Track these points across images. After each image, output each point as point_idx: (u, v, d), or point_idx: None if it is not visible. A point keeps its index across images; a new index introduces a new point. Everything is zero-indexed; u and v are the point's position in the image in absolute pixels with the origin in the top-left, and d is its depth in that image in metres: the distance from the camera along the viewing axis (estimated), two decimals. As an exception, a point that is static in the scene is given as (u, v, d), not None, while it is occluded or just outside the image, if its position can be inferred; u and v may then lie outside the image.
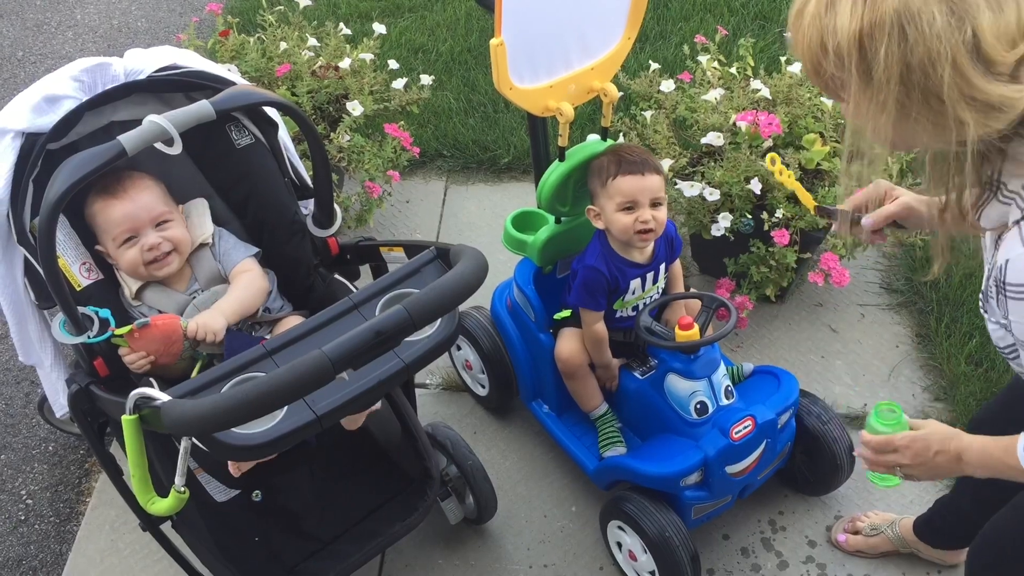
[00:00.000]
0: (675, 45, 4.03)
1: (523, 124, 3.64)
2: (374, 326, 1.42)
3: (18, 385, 2.89)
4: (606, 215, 2.16)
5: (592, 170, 2.19)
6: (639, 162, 2.12)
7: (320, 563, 2.07)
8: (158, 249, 1.93)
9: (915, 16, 1.06)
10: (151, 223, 1.94)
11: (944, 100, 1.08)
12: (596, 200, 2.19)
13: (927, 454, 1.50)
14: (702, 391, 2.14)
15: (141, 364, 1.85)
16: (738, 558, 2.38)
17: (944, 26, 1.05)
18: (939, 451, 1.48)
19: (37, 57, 4.44)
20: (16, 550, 2.48)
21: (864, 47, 1.10)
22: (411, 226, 3.40)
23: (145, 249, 1.92)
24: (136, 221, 1.92)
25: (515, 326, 2.46)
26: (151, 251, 1.93)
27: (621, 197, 2.12)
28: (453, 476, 2.32)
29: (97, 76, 1.93)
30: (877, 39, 1.08)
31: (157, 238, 1.94)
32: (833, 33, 1.11)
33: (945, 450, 1.47)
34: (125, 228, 1.92)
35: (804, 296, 3.05)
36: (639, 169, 2.12)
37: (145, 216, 1.93)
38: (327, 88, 3.13)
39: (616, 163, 2.13)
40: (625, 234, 2.15)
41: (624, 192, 2.11)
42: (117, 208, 1.91)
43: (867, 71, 1.11)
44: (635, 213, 2.13)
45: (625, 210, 2.13)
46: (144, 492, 1.52)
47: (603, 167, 2.15)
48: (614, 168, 2.12)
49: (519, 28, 1.93)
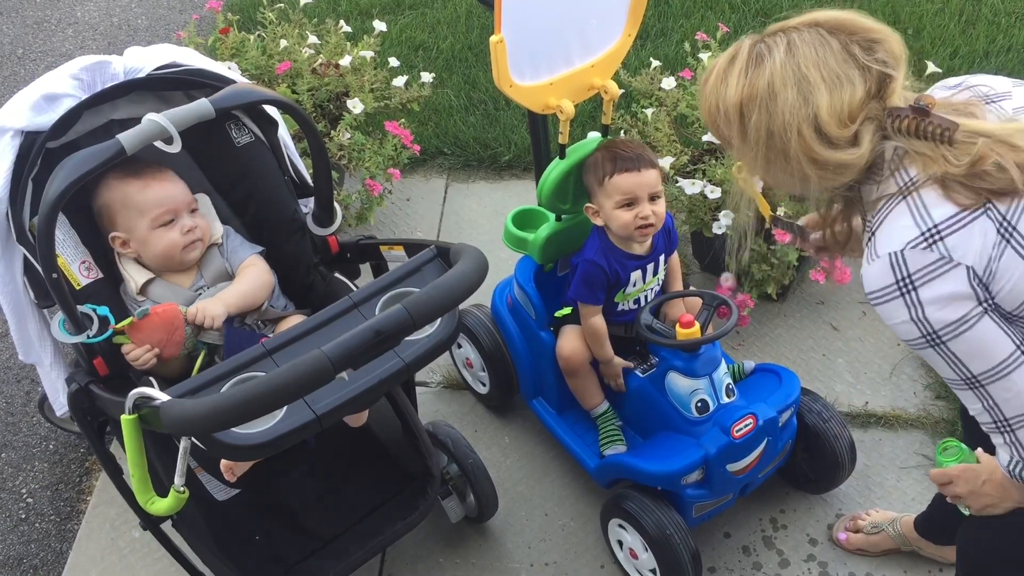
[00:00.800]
0: (676, 42, 4.02)
1: (524, 122, 3.63)
2: (374, 326, 1.41)
3: (19, 383, 2.89)
4: (605, 212, 2.16)
5: (587, 168, 2.18)
6: (635, 158, 2.12)
7: (321, 562, 2.07)
8: (194, 233, 1.96)
9: (776, 94, 1.37)
10: (187, 207, 1.97)
11: (791, 160, 1.40)
12: (594, 198, 2.19)
13: (976, 483, 1.60)
14: (703, 389, 2.14)
15: (147, 358, 1.84)
16: (739, 556, 2.37)
17: (793, 104, 1.36)
18: (987, 480, 1.58)
19: (37, 55, 4.43)
20: (17, 548, 2.48)
21: (742, 113, 1.42)
22: (412, 224, 3.39)
23: (184, 231, 1.94)
24: (176, 203, 1.95)
25: (516, 324, 2.46)
26: (190, 233, 1.95)
27: (620, 195, 2.11)
28: (454, 474, 2.31)
29: (96, 74, 1.93)
30: (751, 109, 1.40)
31: (192, 222, 1.97)
32: (723, 100, 1.44)
33: (992, 479, 1.57)
34: (167, 208, 1.93)
35: (805, 294, 3.04)
36: (635, 165, 2.11)
37: (183, 199, 1.97)
38: (327, 86, 3.12)
39: (611, 160, 2.12)
40: (626, 230, 2.14)
41: (622, 189, 2.11)
42: (157, 189, 1.93)
43: (744, 132, 1.43)
44: (635, 209, 2.12)
45: (624, 207, 2.12)
46: (144, 492, 1.52)
47: (598, 164, 2.14)
48: (610, 166, 2.12)
49: (519, 25, 1.92)
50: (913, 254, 1.35)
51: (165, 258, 1.95)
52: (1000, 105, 1.43)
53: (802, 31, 1.39)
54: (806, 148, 1.38)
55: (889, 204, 1.39)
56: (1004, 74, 1.53)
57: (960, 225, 1.33)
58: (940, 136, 1.34)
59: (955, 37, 4.04)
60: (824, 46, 1.37)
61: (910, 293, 1.36)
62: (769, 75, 1.38)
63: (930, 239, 1.34)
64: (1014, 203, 1.33)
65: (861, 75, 1.36)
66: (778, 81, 1.37)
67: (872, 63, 1.37)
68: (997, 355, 1.38)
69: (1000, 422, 1.44)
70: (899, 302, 1.37)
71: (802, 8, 1.52)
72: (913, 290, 1.35)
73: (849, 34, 1.38)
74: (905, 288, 1.36)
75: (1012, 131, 1.34)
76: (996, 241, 1.33)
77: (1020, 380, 1.39)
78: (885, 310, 1.40)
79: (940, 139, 1.34)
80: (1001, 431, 1.45)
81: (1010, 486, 1.54)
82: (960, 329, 1.36)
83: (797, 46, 1.37)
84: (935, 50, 3.93)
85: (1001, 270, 1.34)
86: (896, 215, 1.38)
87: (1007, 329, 1.38)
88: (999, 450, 1.50)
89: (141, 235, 1.93)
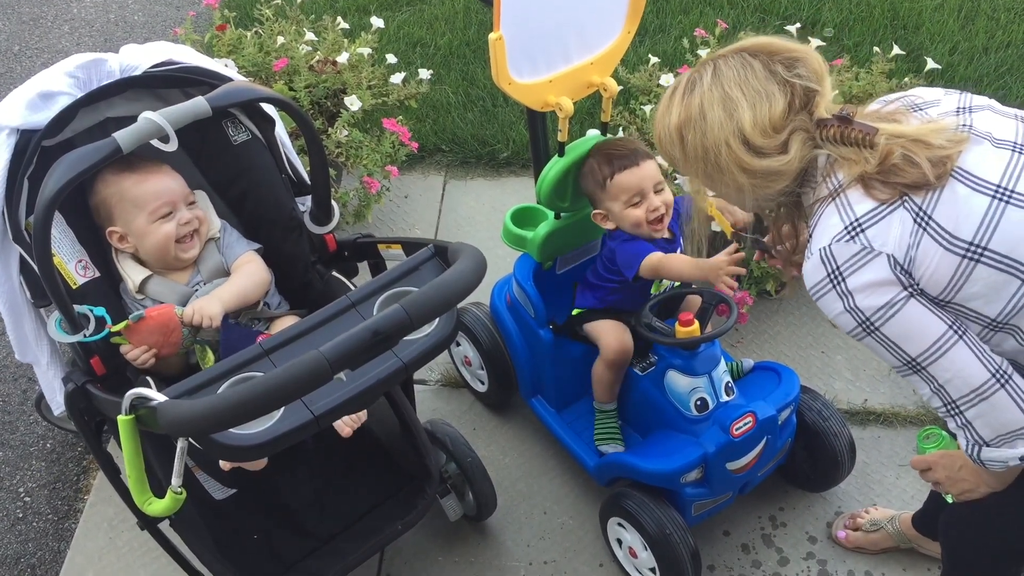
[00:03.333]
0: (675, 39, 4.01)
1: (522, 118, 3.62)
2: (372, 326, 1.40)
3: (15, 382, 2.88)
4: (614, 215, 2.15)
5: (584, 175, 2.17)
6: (630, 154, 2.11)
7: (319, 561, 2.06)
8: (191, 225, 1.96)
9: (705, 114, 1.52)
10: (184, 200, 1.97)
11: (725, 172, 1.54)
12: (598, 203, 2.17)
13: (953, 468, 1.70)
14: (702, 387, 2.13)
15: (145, 358, 1.84)
16: (738, 554, 2.37)
17: (721, 121, 1.51)
18: (963, 465, 1.67)
19: (33, 52, 4.42)
20: (14, 547, 2.47)
21: (682, 136, 1.57)
22: (410, 221, 3.38)
23: (181, 223, 1.94)
24: (174, 195, 1.94)
25: (515, 322, 2.45)
26: (187, 225, 1.95)
27: (626, 194, 2.10)
28: (452, 473, 2.31)
29: (92, 72, 1.92)
30: (687, 130, 1.56)
31: (190, 214, 1.96)
32: (667, 126, 1.60)
33: (967, 465, 1.65)
34: (165, 200, 1.93)
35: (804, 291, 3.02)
36: (633, 161, 2.10)
37: (180, 192, 1.96)
38: (325, 83, 3.11)
39: (608, 162, 2.11)
40: (639, 228, 2.13)
41: (628, 188, 2.10)
42: (154, 183, 1.92)
43: (684, 151, 1.58)
44: (644, 204, 2.11)
45: (633, 205, 2.11)
46: (140, 493, 1.51)
47: (595, 169, 2.13)
48: (608, 168, 2.11)
49: (518, 22, 1.91)
50: (839, 247, 1.46)
51: (162, 252, 1.94)
52: (926, 112, 1.53)
53: (728, 57, 1.54)
54: (736, 159, 1.51)
55: (821, 207, 1.51)
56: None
57: (879, 217, 1.44)
58: (862, 141, 1.46)
59: (954, 33, 4.03)
60: (746, 67, 1.51)
61: (840, 284, 1.47)
62: (700, 99, 1.54)
63: (853, 232, 1.45)
64: (929, 194, 1.43)
65: (782, 90, 1.50)
66: (707, 103, 1.53)
67: (793, 78, 1.50)
68: (929, 336, 1.46)
69: (949, 404, 1.51)
70: (832, 294, 1.48)
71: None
72: (842, 280, 1.46)
73: (770, 55, 1.52)
74: (835, 280, 1.47)
75: (927, 131, 1.45)
76: (913, 229, 1.43)
77: (957, 359, 1.46)
78: (823, 303, 1.52)
79: (863, 144, 1.46)
80: (952, 414, 1.52)
81: (982, 470, 1.60)
82: (889, 313, 1.45)
83: (722, 70, 1.53)
84: (934, 46, 3.92)
85: (920, 256, 1.43)
86: (827, 215, 1.49)
87: (937, 312, 1.47)
88: (958, 435, 1.56)
89: (139, 229, 1.92)
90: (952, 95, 1.56)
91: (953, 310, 1.47)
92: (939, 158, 1.43)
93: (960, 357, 1.46)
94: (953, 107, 1.53)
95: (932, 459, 1.75)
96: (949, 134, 1.45)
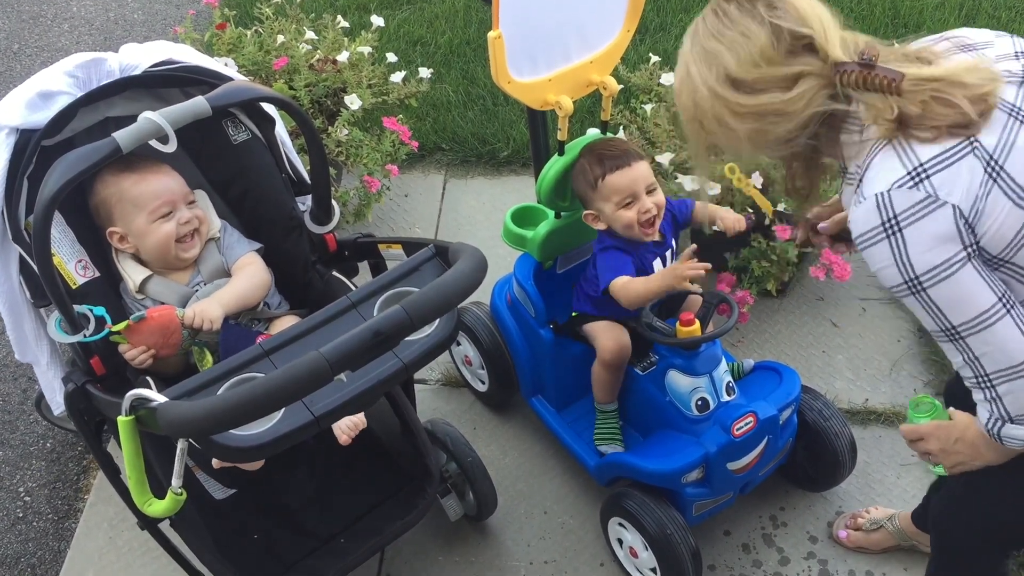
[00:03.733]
0: (675, 37, 4.00)
1: (522, 117, 3.62)
2: (372, 326, 1.40)
3: (15, 382, 2.88)
4: (606, 216, 2.14)
5: (576, 175, 2.16)
6: (622, 155, 2.10)
7: (319, 561, 2.06)
8: (191, 224, 1.95)
9: (688, 70, 1.50)
10: (184, 200, 1.96)
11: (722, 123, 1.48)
12: (590, 204, 2.17)
13: (948, 440, 1.61)
14: (703, 387, 2.13)
15: (143, 359, 1.84)
16: (739, 554, 2.37)
17: (704, 74, 1.47)
18: (959, 438, 1.59)
19: (33, 50, 4.41)
20: (14, 547, 2.47)
21: (682, 103, 1.54)
22: (410, 220, 3.38)
23: (181, 223, 1.94)
24: (174, 194, 1.94)
25: (515, 322, 2.45)
26: (187, 224, 1.95)
27: (618, 195, 2.10)
28: (453, 473, 2.31)
29: (92, 72, 1.92)
30: (679, 90, 1.54)
31: (190, 214, 1.96)
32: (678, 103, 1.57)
33: (964, 437, 1.57)
34: (165, 200, 1.92)
35: (805, 291, 3.03)
36: (625, 161, 2.09)
37: (180, 191, 1.96)
38: (325, 82, 3.11)
39: (599, 162, 2.10)
40: (630, 229, 2.13)
41: (619, 189, 2.09)
42: (154, 182, 1.92)
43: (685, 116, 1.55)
44: (635, 205, 2.11)
45: (625, 206, 2.11)
46: (140, 494, 1.51)
47: (586, 170, 2.13)
48: (599, 168, 2.10)
49: (517, 21, 1.91)
50: (900, 194, 1.35)
51: (162, 251, 1.94)
52: (981, 52, 1.44)
53: (705, 14, 1.51)
54: (726, 104, 1.45)
55: (876, 148, 1.40)
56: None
57: (947, 163, 1.33)
58: (887, 87, 1.36)
59: (955, 32, 4.02)
60: (719, 16, 1.47)
61: (896, 234, 1.36)
62: (684, 61, 1.52)
63: (917, 178, 1.34)
64: (1001, 140, 1.34)
65: (761, 26, 1.41)
66: (691, 62, 1.50)
67: (774, 19, 1.40)
68: (978, 306, 1.37)
69: (981, 377, 1.43)
70: (883, 245, 1.37)
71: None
72: (899, 231, 1.36)
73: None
74: (891, 229, 1.36)
75: (960, 71, 1.36)
76: (983, 180, 1.33)
77: (1001, 334, 1.38)
78: (871, 254, 1.41)
79: (888, 90, 1.36)
80: (982, 387, 1.44)
81: (982, 445, 1.54)
82: (943, 275, 1.36)
83: (697, 29, 1.51)
84: (935, 45, 3.91)
85: (987, 209, 1.34)
86: (883, 157, 1.39)
87: (990, 280, 1.38)
88: (979, 407, 1.49)
89: (139, 229, 1.92)
90: (1004, 37, 1.47)
91: (1007, 272, 1.40)
92: (977, 96, 1.33)
93: (1005, 331, 1.37)
94: (1010, 50, 1.44)
95: (925, 430, 1.66)
96: (983, 72, 1.36)
